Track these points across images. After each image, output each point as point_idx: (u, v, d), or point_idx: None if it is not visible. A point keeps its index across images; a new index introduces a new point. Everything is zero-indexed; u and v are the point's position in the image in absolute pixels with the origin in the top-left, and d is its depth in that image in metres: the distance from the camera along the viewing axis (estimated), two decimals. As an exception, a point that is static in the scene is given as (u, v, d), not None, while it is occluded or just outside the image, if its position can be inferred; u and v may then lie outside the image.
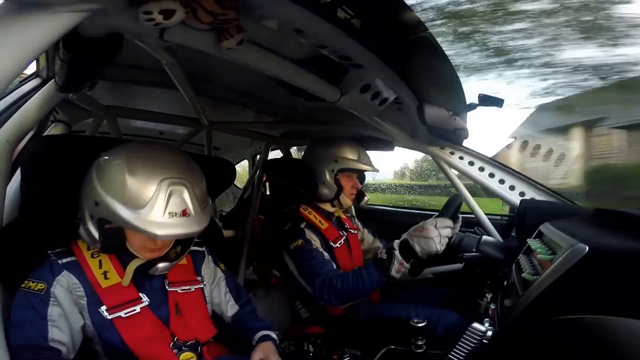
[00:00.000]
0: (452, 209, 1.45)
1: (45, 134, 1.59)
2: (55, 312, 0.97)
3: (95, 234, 0.99)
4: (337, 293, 1.43)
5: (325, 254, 1.60)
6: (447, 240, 1.28)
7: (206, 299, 1.21)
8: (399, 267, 1.29)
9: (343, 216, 1.91)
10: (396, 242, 1.33)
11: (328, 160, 1.72)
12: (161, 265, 1.06)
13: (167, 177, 0.95)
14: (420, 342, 1.21)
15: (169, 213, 0.93)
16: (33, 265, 1.02)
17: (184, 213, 0.95)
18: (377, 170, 1.81)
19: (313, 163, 1.76)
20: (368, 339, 1.49)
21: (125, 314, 1.03)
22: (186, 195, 0.97)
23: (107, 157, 1.00)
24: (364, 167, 1.74)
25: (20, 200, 1.10)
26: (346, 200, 1.75)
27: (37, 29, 0.58)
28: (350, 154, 1.73)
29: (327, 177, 1.71)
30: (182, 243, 1.14)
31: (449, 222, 1.30)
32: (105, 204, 0.93)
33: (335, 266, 1.58)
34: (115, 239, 1.00)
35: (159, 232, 0.92)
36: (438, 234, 1.26)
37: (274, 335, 1.22)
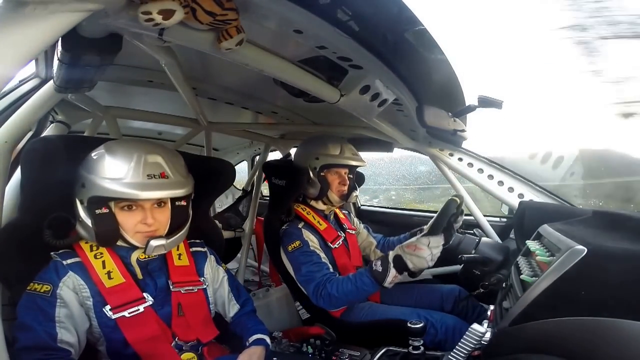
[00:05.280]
0: (448, 214, 1.45)
1: (44, 134, 1.59)
2: (63, 314, 0.97)
3: (89, 222, 1.00)
4: (330, 298, 1.47)
5: (322, 254, 1.60)
6: (437, 256, 1.34)
7: (209, 299, 1.21)
8: (392, 279, 1.36)
9: (341, 215, 1.90)
10: (391, 256, 1.37)
11: (310, 159, 1.72)
12: (154, 242, 1.05)
13: (143, 151, 1.04)
14: (417, 343, 1.21)
15: (147, 175, 1.00)
16: (33, 264, 1.01)
17: (162, 175, 1.03)
18: (363, 164, 1.78)
19: (299, 163, 1.76)
20: (367, 340, 1.49)
21: (129, 313, 1.03)
22: (161, 161, 1.04)
23: (92, 153, 1.05)
24: (346, 161, 1.72)
25: (20, 200, 1.10)
26: (334, 197, 1.74)
27: (36, 29, 0.58)
28: (331, 150, 1.72)
29: (311, 175, 1.71)
30: (172, 219, 1.12)
31: (440, 241, 1.34)
32: (89, 182, 0.98)
33: (330, 267, 1.58)
34: (108, 223, 1.01)
35: (141, 192, 0.96)
36: (430, 253, 1.31)
37: (267, 340, 1.22)
